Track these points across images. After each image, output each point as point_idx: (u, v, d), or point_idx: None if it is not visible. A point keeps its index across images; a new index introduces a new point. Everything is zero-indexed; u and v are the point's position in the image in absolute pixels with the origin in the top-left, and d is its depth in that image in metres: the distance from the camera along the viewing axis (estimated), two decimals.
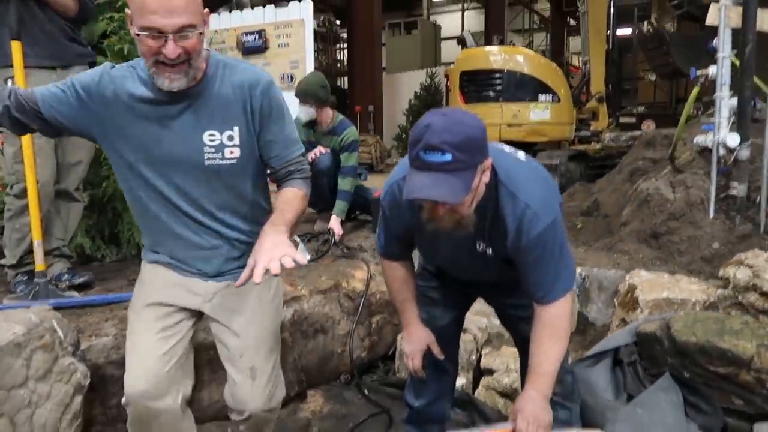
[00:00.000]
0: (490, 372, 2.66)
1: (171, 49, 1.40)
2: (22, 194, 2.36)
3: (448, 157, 1.34)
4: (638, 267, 2.97)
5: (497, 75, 6.89)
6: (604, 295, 3.06)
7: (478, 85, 7.00)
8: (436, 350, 1.86)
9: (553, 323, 1.59)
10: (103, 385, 2.18)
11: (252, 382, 1.68)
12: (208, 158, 1.58)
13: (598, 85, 8.03)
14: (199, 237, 1.66)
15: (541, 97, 6.82)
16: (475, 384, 2.74)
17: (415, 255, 1.91)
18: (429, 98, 13.39)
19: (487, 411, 2.54)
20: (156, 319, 1.66)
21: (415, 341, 1.86)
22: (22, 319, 1.81)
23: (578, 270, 3.06)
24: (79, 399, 1.97)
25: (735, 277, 2.35)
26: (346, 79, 17.64)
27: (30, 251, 2.46)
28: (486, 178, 1.46)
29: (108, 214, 3.23)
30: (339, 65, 20.41)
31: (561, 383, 1.85)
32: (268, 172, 1.74)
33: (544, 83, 6.86)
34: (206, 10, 1.48)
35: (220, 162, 1.59)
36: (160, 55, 1.42)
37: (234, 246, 1.70)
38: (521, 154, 1.67)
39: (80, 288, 2.56)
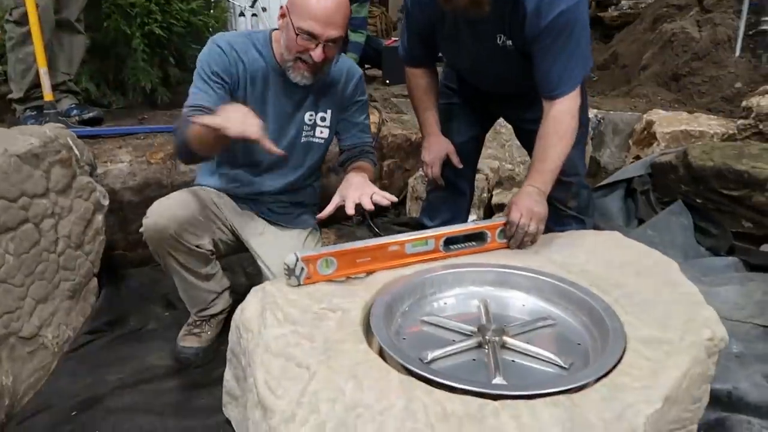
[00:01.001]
0: (502, 207, 2.69)
1: (318, 54, 1.53)
2: (23, 20, 2.26)
3: None
4: (656, 109, 2.91)
5: None
6: (619, 138, 3.02)
7: None
8: (455, 159, 1.85)
9: (559, 119, 1.55)
10: (121, 210, 2.22)
11: None
12: (305, 136, 1.74)
13: None
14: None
15: None
16: None
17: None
18: None
19: None
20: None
21: (434, 150, 1.85)
22: (37, 133, 1.80)
23: (593, 112, 3.00)
24: (100, 217, 2.01)
25: (758, 105, 2.29)
26: None
27: (37, 84, 2.41)
28: None
29: (112, 59, 3.13)
30: None
31: (577, 197, 1.86)
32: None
33: None
34: None
35: (312, 140, 1.76)
36: (305, 54, 1.54)
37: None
38: None
39: (90, 123, 2.53)
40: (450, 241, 1.44)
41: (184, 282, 1.72)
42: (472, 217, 2.74)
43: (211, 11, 3.40)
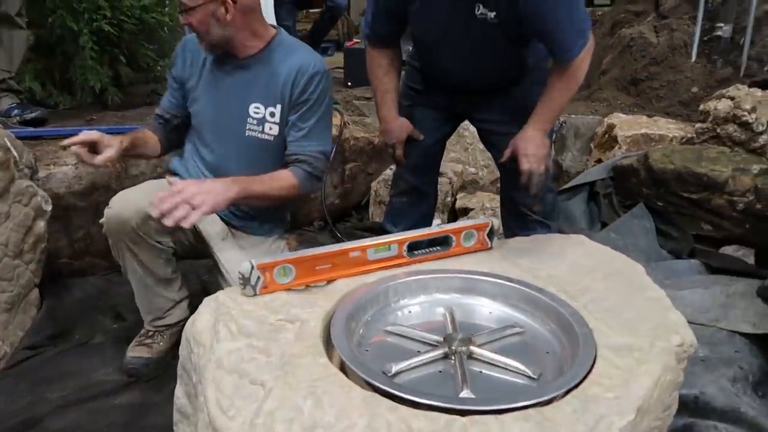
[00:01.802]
0: (466, 211, 2.66)
1: (182, 18, 1.57)
2: None
3: None
4: (616, 113, 2.93)
5: None
6: (580, 141, 3.04)
7: None
8: (417, 134, 1.83)
9: (575, 75, 1.57)
10: (67, 216, 2.09)
11: None
12: (249, 129, 1.65)
13: None
14: None
15: None
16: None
17: None
18: None
19: None
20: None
21: (395, 132, 1.81)
22: None
23: None
24: (41, 224, 1.88)
25: (715, 109, 2.32)
26: None
27: None
28: None
29: (58, 57, 2.98)
30: None
31: (543, 201, 1.84)
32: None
33: None
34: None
35: (259, 136, 1.65)
36: None
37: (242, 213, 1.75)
38: None
39: (33, 123, 2.40)
40: (414, 246, 1.38)
41: (141, 285, 1.63)
42: (436, 221, 2.70)
43: (165, 9, 3.27)
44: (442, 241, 1.43)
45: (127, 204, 1.52)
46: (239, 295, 1.20)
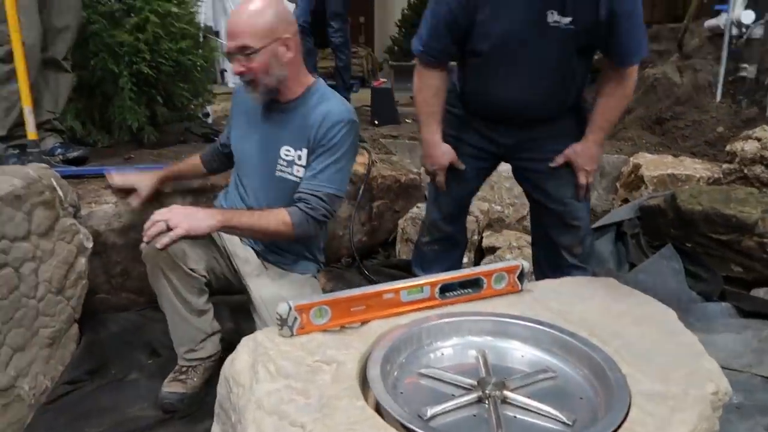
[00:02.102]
0: (493, 250, 2.68)
1: (234, 66, 1.62)
2: (8, 58, 2.23)
3: None
4: (642, 152, 2.94)
5: None
6: (606, 181, 3.05)
7: None
8: (459, 164, 1.80)
9: (628, 84, 1.61)
10: (105, 252, 2.16)
11: None
12: (279, 170, 1.72)
13: None
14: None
15: None
16: (477, 263, 2.77)
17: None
18: (423, 7, 12.79)
19: None
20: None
21: (438, 158, 1.78)
22: (20, 173, 1.75)
23: None
24: (83, 261, 1.95)
25: (742, 150, 2.33)
26: None
27: (20, 123, 2.36)
28: None
29: (98, 97, 3.10)
30: None
31: (582, 243, 1.83)
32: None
33: None
34: (289, 35, 1.62)
35: (288, 177, 1.71)
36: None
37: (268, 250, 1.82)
38: None
39: (75, 162, 2.49)
40: (445, 288, 1.41)
41: (175, 314, 1.67)
42: (463, 260, 2.72)
43: (200, 50, 3.40)
44: (473, 284, 1.45)
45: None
46: (276, 336, 1.23)
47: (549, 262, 1.84)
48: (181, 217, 1.49)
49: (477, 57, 1.67)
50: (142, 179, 2.05)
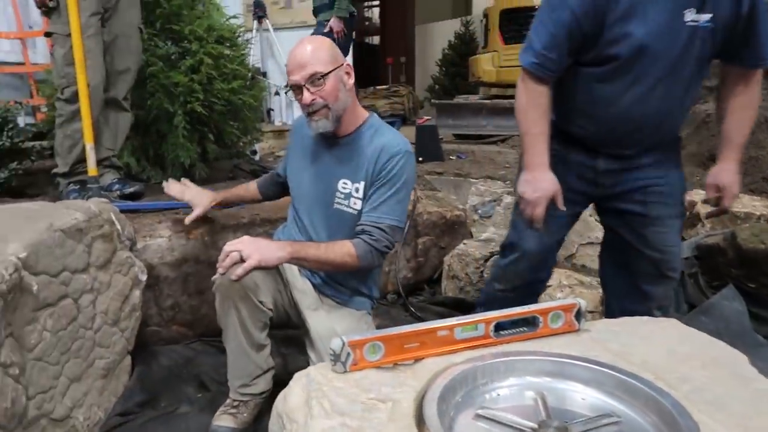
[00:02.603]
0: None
1: (306, 98, 1.64)
2: (74, 98, 2.35)
3: None
4: (696, 189, 2.86)
5: None
6: None
7: (520, 24, 6.73)
8: (560, 204, 1.59)
9: (757, 90, 1.52)
10: (158, 285, 2.20)
11: None
12: (337, 202, 1.75)
13: None
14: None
15: None
16: None
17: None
18: (463, 47, 12.99)
19: None
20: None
21: (542, 186, 1.57)
22: (82, 208, 1.82)
23: None
24: (137, 293, 1.99)
25: None
26: (375, 38, 17.28)
27: (81, 160, 2.47)
28: None
29: (153, 135, 3.22)
30: (367, 23, 20.06)
31: (670, 297, 1.70)
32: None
33: None
34: (348, 63, 1.71)
35: (345, 209, 1.74)
36: (304, 106, 1.67)
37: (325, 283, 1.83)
38: None
39: (131, 197, 2.58)
40: (500, 327, 1.37)
41: (238, 347, 1.68)
42: None
43: (251, 91, 3.51)
44: (528, 322, 1.41)
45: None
46: (329, 371, 1.21)
47: (626, 312, 1.56)
48: (253, 249, 1.53)
49: (602, 65, 1.51)
50: (200, 198, 2.10)
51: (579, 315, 1.43)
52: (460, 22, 14.59)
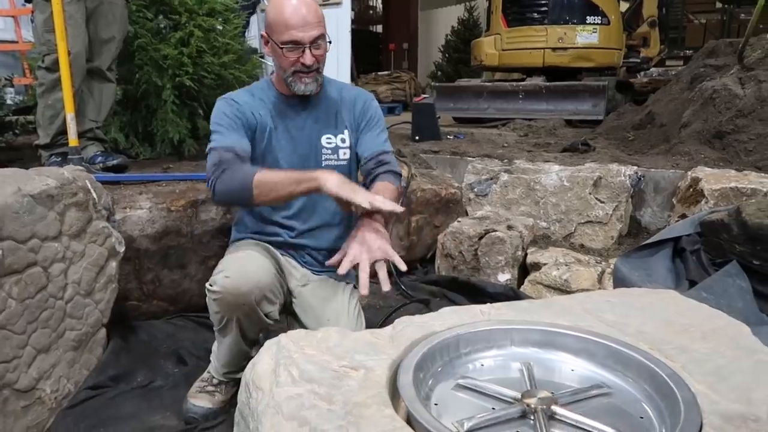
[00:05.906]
0: (537, 267, 2.53)
1: (308, 58, 1.58)
2: (54, 66, 2.27)
3: None
4: (701, 166, 2.76)
5: None
6: (661, 197, 2.87)
7: (522, 6, 6.61)
8: None
9: None
10: (138, 258, 2.13)
11: None
12: (326, 159, 1.72)
13: (650, 8, 7.51)
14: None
15: (589, 18, 6.41)
16: (520, 281, 2.62)
17: None
18: (467, 33, 12.82)
19: None
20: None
21: None
22: (55, 174, 1.74)
23: (634, 168, 2.86)
24: (113, 264, 1.91)
25: None
26: (378, 27, 17.15)
27: (63, 131, 2.39)
28: None
29: (142, 111, 3.14)
30: (371, 12, 19.91)
31: None
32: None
33: (593, 3, 6.42)
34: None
35: (335, 163, 1.73)
36: (297, 64, 1.60)
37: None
38: None
39: (114, 170, 2.50)
40: None
41: (233, 346, 1.60)
42: (505, 276, 2.58)
43: (243, 66, 3.42)
44: None
45: (245, 276, 1.49)
46: (303, 339, 1.14)
47: None
48: (379, 242, 1.48)
49: None
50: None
51: None
52: (464, 8, 14.43)
